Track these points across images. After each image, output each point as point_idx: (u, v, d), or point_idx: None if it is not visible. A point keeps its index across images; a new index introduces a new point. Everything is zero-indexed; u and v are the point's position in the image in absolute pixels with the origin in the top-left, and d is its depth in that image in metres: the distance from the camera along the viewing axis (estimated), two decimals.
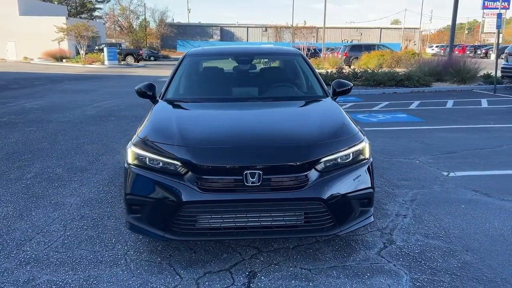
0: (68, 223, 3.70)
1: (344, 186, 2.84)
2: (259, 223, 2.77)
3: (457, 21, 20.29)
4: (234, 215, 2.75)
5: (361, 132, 3.20)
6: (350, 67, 30.26)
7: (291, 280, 2.74)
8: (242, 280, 2.76)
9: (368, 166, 3.01)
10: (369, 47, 30.70)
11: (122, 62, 34.84)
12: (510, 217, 3.67)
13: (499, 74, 13.94)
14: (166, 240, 2.99)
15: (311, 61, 29.33)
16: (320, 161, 2.83)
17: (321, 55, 33.59)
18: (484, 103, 11.09)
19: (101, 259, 3.07)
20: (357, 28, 63.65)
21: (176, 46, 63.16)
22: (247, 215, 2.75)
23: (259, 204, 2.72)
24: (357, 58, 29.48)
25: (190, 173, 2.78)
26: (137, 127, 3.50)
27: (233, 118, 3.50)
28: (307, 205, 2.75)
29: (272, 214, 2.76)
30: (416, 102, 11.21)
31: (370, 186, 2.99)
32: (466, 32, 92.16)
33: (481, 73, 15.49)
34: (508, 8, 49.11)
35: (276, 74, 4.50)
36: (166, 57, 49.92)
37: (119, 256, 3.10)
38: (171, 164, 2.84)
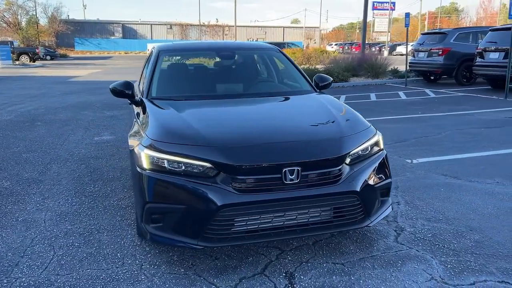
0: (53, 241, 3.27)
1: (371, 177, 2.88)
2: (296, 222, 2.70)
3: (348, 21, 21.79)
4: (272, 215, 2.64)
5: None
6: None
7: (332, 276, 2.71)
8: (282, 281, 2.66)
9: (385, 157, 3.08)
10: (279, 45, 31.50)
11: (17, 62, 31.74)
12: (487, 196, 4.02)
13: (402, 68, 15.18)
14: (197, 249, 2.77)
15: None
16: (350, 154, 2.84)
17: None
18: (402, 95, 12.01)
19: (117, 276, 2.76)
20: (261, 27, 65.10)
21: (74, 44, 59.15)
22: (285, 214, 2.66)
23: (297, 202, 2.64)
24: None
25: (222, 174, 2.60)
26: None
27: (247, 115, 3.37)
28: (342, 199, 2.74)
29: (309, 211, 2.70)
30: (343, 97, 11.78)
31: (389, 176, 3.07)
32: (358, 31, 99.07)
33: (389, 68, 16.79)
34: (394, 9, 53.86)
35: (261, 69, 4.42)
36: (64, 56, 46.46)
37: (135, 272, 2.82)
38: (197, 166, 2.64)
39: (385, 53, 46.18)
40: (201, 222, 2.59)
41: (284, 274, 2.75)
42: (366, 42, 55.86)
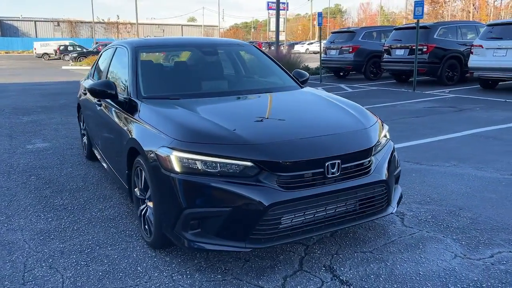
0: (53, 262, 2.90)
1: (390, 166, 3.02)
2: (334, 214, 2.73)
3: (242, 21, 22.52)
4: (315, 210, 2.63)
5: None
6: None
7: (369, 264, 2.79)
8: (326, 275, 2.67)
9: (393, 147, 3.25)
10: None
11: None
12: (455, 178, 4.43)
13: (315, 65, 15.99)
14: (244, 251, 2.65)
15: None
16: (376, 144, 2.95)
17: None
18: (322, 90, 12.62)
19: None
20: (160, 24, 63.39)
21: None
22: (326, 208, 2.67)
23: (337, 195, 2.67)
24: None
25: (265, 172, 2.53)
26: None
27: (266, 111, 3.29)
28: (374, 189, 2.83)
29: (346, 203, 2.75)
30: None
31: (399, 164, 3.24)
32: (253, 30, 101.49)
33: (301, 66, 17.51)
34: (288, 10, 56.23)
35: (245, 66, 4.32)
36: None
37: (170, 284, 2.61)
38: (235, 165, 2.53)
39: (284, 51, 48.09)
40: (249, 223, 2.49)
41: (323, 268, 2.77)
42: (266, 41, 57.21)
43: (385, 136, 3.20)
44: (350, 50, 14.53)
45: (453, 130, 6.62)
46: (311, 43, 50.01)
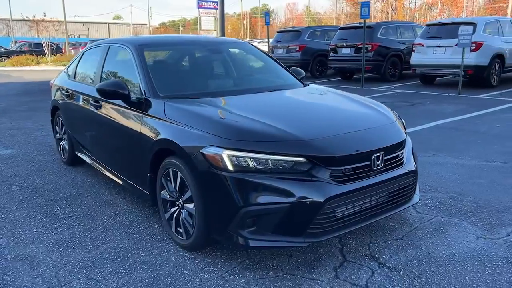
0: (88, 273, 2.74)
1: (414, 157, 3.21)
2: (376, 205, 2.84)
3: (169, 19, 22.61)
4: (362, 202, 2.73)
5: None
6: None
7: (407, 250, 2.94)
8: (373, 264, 2.78)
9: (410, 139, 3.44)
10: None
11: None
12: (442, 167, 4.75)
13: None
14: (303, 246, 2.73)
15: (55, 58, 26.60)
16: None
17: (63, 51, 30.75)
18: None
19: None
20: (83, 22, 60.33)
21: None
22: (371, 199, 2.78)
23: (381, 186, 2.78)
24: None
25: (318, 167, 2.57)
26: None
27: (300, 108, 3.34)
28: (407, 179, 2.99)
29: (389, 194, 2.88)
30: None
31: (416, 155, 3.44)
32: (182, 28, 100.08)
33: None
34: (217, 8, 56.14)
35: (248, 64, 4.29)
36: None
37: (223, 284, 2.58)
38: (286, 161, 2.55)
39: None
40: (306, 218, 2.53)
41: (366, 257, 2.87)
42: None
43: (404, 128, 3.39)
44: (297, 49, 14.90)
45: (417, 123, 7.06)
46: (260, 42, 50.12)
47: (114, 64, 4.07)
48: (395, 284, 2.55)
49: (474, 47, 10.56)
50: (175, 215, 3.05)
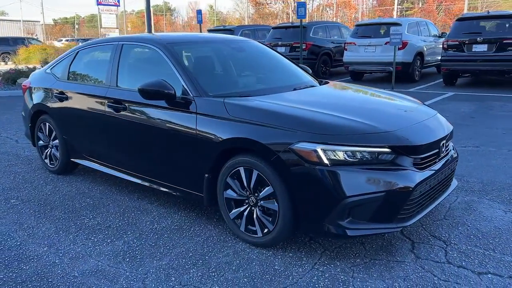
0: (178, 281, 2.63)
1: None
2: (439, 189, 3.11)
3: (61, 16, 22.04)
4: (430, 187, 2.96)
5: None
6: (6, 63, 26.50)
7: (458, 228, 3.24)
8: (441, 243, 3.02)
9: None
10: (16, 41, 27.53)
11: None
12: None
13: None
14: (395, 231, 2.88)
15: None
16: None
17: None
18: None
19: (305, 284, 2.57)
20: None
21: None
22: (435, 185, 3.03)
23: (443, 171, 3.05)
24: (9, 53, 26.11)
25: (401, 156, 2.75)
26: None
27: (357, 102, 3.48)
28: (454, 165, 3.31)
29: (447, 179, 3.16)
30: None
31: None
32: (77, 26, 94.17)
33: None
34: (119, 6, 53.66)
35: (271, 62, 4.27)
36: None
37: (322, 274, 2.66)
38: (373, 152, 2.70)
39: None
40: (398, 204, 2.70)
41: (431, 237, 3.12)
42: (82, 38, 52.92)
43: None
44: (304, 47, 14.77)
45: None
46: None
47: (134, 64, 3.87)
48: (472, 257, 2.83)
49: (401, 46, 11.57)
50: (245, 213, 3.03)
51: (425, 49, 12.59)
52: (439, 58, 13.20)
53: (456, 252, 2.91)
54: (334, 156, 2.63)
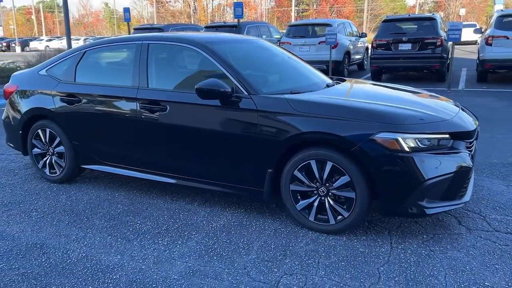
0: (294, 278, 2.72)
1: None
2: None
3: None
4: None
5: None
6: None
7: (496, 208, 3.61)
8: (480, 218, 3.48)
9: None
10: None
11: None
12: None
13: None
14: (460, 207, 3.28)
15: None
16: None
17: None
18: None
19: (414, 256, 2.83)
20: None
21: None
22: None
23: (474, 154, 3.50)
24: None
25: (456, 141, 3.11)
26: None
27: (390, 95, 3.80)
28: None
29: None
30: None
31: None
32: None
33: None
34: (2, 1, 48.42)
35: (291, 60, 4.35)
36: None
37: (404, 253, 2.94)
38: (437, 139, 3.03)
39: (18, 49, 42.10)
40: (462, 183, 3.07)
41: (469, 211, 3.54)
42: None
43: None
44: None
45: None
46: (50, 40, 45.26)
47: (167, 64, 3.77)
48: None
49: (334, 45, 12.36)
50: (315, 203, 3.19)
51: (351, 47, 13.56)
52: (361, 56, 14.33)
53: (496, 221, 3.38)
54: (413, 143, 2.92)
